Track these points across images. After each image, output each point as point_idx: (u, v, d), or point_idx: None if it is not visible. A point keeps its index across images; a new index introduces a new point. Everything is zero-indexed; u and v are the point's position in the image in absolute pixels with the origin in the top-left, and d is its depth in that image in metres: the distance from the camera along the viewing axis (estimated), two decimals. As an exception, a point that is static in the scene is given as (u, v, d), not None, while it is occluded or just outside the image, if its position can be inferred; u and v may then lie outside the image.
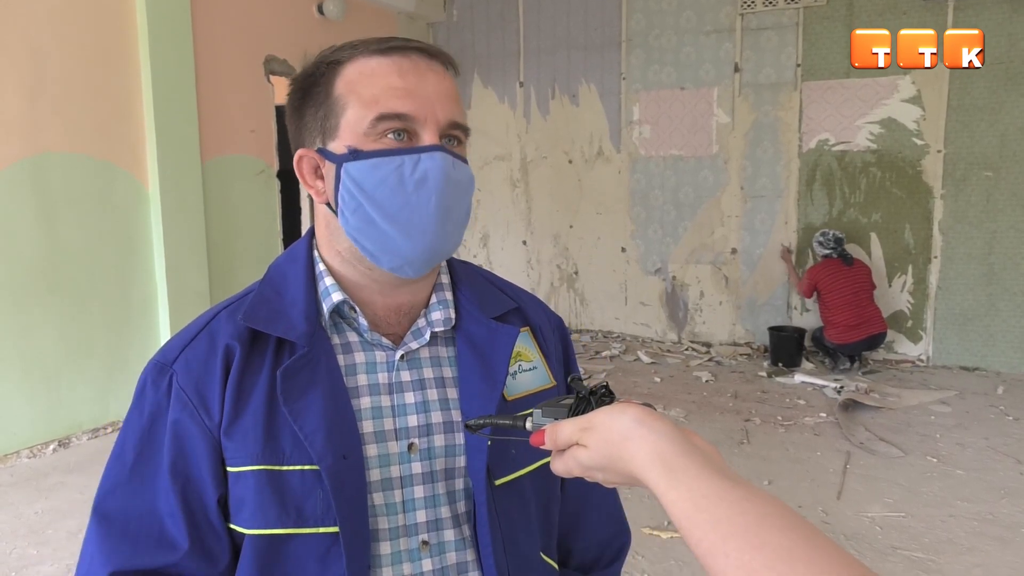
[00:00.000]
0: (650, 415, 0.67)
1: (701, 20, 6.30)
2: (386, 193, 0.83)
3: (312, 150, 0.88)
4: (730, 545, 0.56)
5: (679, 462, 0.63)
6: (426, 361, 0.93)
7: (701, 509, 0.59)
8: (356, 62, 0.86)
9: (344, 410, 0.85)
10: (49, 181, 4.30)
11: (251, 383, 0.85)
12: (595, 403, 0.73)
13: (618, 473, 0.68)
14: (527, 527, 0.94)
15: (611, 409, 0.69)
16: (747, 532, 0.56)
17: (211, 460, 0.84)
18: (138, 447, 0.86)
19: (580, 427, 0.70)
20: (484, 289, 0.99)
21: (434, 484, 0.89)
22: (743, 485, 0.60)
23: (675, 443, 0.64)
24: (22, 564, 3.12)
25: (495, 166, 7.23)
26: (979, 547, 3.16)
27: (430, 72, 0.86)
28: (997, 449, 4.22)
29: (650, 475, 0.63)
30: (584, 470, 0.70)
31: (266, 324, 0.86)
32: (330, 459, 0.82)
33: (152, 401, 0.87)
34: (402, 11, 6.84)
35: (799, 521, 0.57)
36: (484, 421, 0.81)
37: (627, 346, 6.65)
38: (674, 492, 0.61)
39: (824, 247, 5.65)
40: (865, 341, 5.56)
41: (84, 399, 4.57)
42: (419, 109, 0.84)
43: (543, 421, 0.75)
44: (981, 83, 5.48)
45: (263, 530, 0.83)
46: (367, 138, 0.84)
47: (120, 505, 0.85)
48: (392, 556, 0.87)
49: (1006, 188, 5.51)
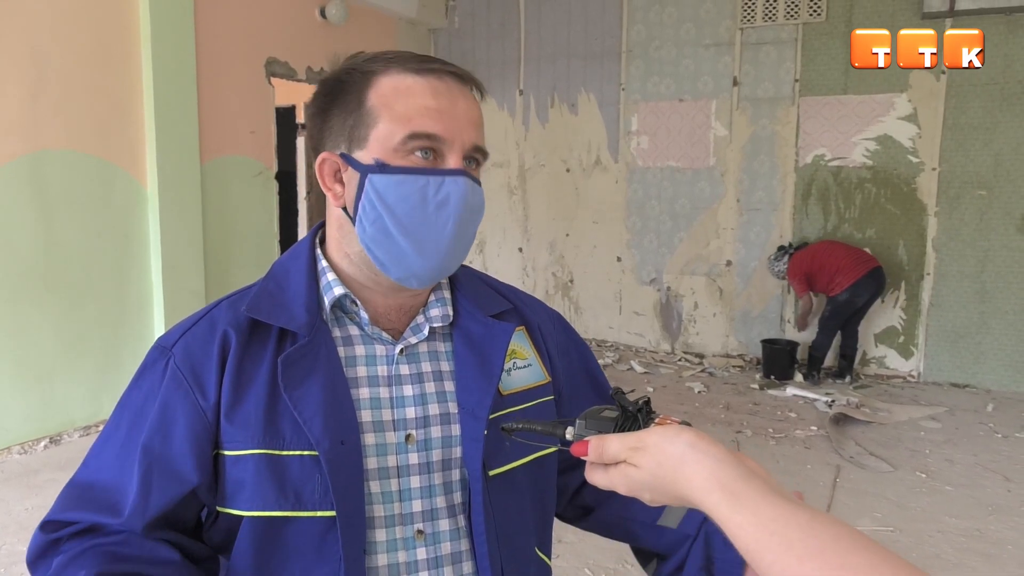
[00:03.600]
0: (703, 439, 0.67)
1: (701, 33, 6.35)
2: (407, 210, 0.86)
3: (336, 155, 0.90)
4: (807, 567, 0.56)
5: (739, 486, 0.63)
6: (424, 355, 0.95)
7: (772, 532, 0.59)
8: (391, 76, 0.88)
9: (343, 398, 0.87)
10: (47, 179, 4.30)
11: (253, 370, 0.88)
12: (642, 420, 0.73)
13: (668, 495, 0.68)
14: (521, 519, 0.96)
15: (664, 431, 0.69)
16: (824, 553, 0.56)
17: (196, 442, 0.86)
18: (129, 424, 0.90)
19: (630, 446, 0.70)
20: (482, 291, 1.02)
21: (430, 474, 0.92)
22: (807, 507, 0.61)
23: (732, 468, 0.65)
24: (11, 561, 3.11)
25: (493, 173, 7.25)
26: (966, 563, 3.17)
27: (461, 97, 0.89)
28: (986, 466, 4.25)
29: (710, 500, 0.64)
30: (629, 488, 0.71)
31: (268, 315, 0.89)
32: (327, 444, 0.84)
33: (149, 381, 0.90)
34: (403, 17, 6.87)
35: (872, 542, 0.58)
36: (521, 426, 0.82)
37: (620, 355, 6.66)
38: (739, 516, 0.61)
39: (781, 257, 5.88)
40: (872, 275, 5.47)
41: (77, 397, 4.56)
42: (448, 131, 0.86)
43: (586, 432, 0.75)
44: (976, 102, 5.53)
45: (261, 512, 0.85)
46: (396, 153, 0.86)
47: (90, 471, 0.90)
48: (387, 544, 0.89)
49: (999, 207, 5.55)
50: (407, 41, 6.99)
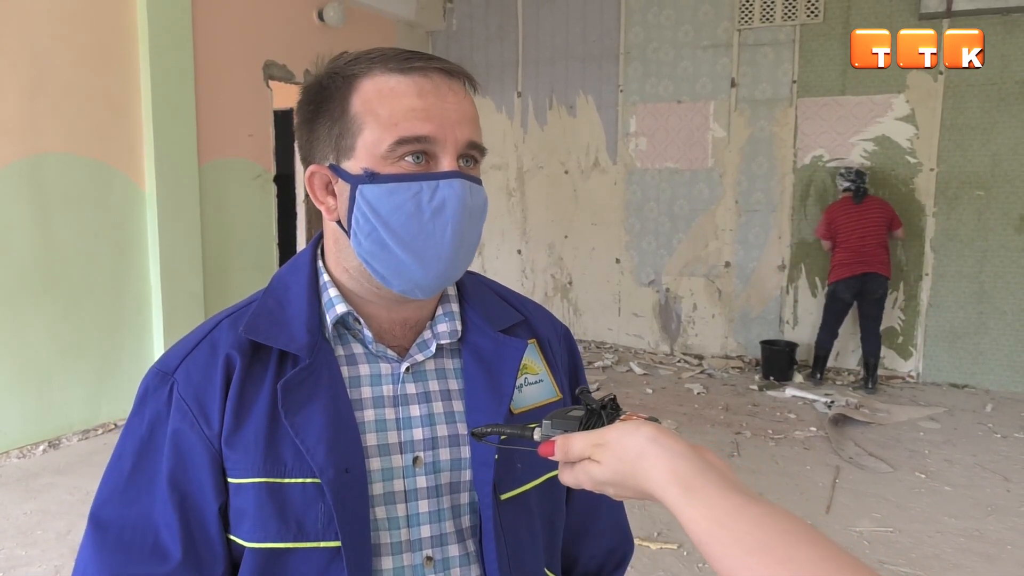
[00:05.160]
0: (664, 433, 0.68)
1: (699, 35, 6.35)
2: (402, 220, 0.82)
3: (324, 167, 0.86)
4: (753, 560, 0.57)
5: (696, 481, 0.64)
6: (431, 373, 0.91)
7: (722, 525, 0.60)
8: (373, 78, 0.83)
9: (347, 423, 0.84)
10: (45, 182, 4.30)
11: (253, 394, 0.84)
12: (606, 417, 0.74)
13: (631, 489, 0.69)
14: (532, 542, 0.93)
15: (625, 426, 0.69)
16: (770, 547, 0.57)
17: (212, 470, 0.83)
18: (137, 455, 0.85)
19: (592, 442, 0.70)
20: (491, 302, 0.98)
21: (439, 498, 0.88)
22: (761, 501, 0.61)
23: (690, 461, 0.65)
24: (10, 565, 3.10)
25: (491, 175, 7.25)
26: (965, 563, 3.17)
27: (451, 93, 0.84)
28: (985, 466, 4.25)
29: (667, 494, 0.64)
30: (595, 484, 0.71)
31: (267, 336, 0.85)
32: (331, 472, 0.81)
33: (153, 409, 0.86)
34: (402, 19, 6.88)
35: (820, 536, 0.58)
36: (490, 429, 0.80)
37: (620, 357, 6.66)
38: (693, 510, 0.62)
39: (845, 179, 5.63)
40: (859, 278, 5.46)
41: (75, 400, 4.55)
42: (438, 131, 0.82)
43: (552, 432, 0.75)
44: (974, 103, 5.53)
45: (263, 544, 0.82)
46: (384, 161, 0.82)
47: (116, 513, 0.84)
48: (395, 571, 0.86)
49: (997, 207, 5.56)
50: (405, 43, 6.99)
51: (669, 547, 3.25)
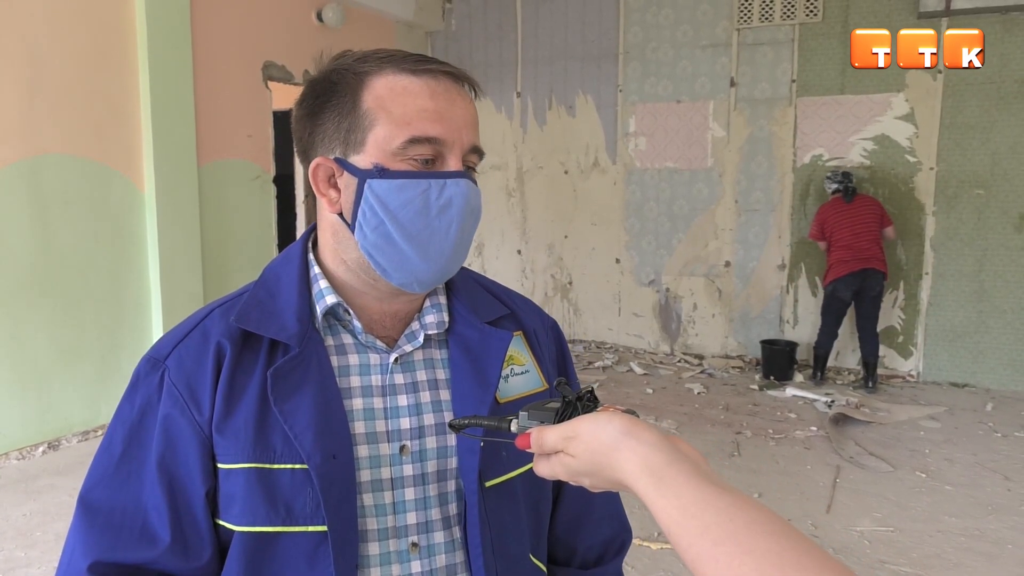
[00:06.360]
0: (636, 425, 0.68)
1: (698, 34, 6.35)
2: (410, 215, 0.85)
3: (330, 159, 0.87)
4: (719, 550, 0.57)
5: (667, 471, 0.64)
6: (419, 364, 0.93)
7: (690, 516, 0.60)
8: (386, 77, 0.85)
9: (335, 411, 0.85)
10: (44, 183, 4.30)
11: (244, 382, 0.86)
12: (581, 409, 0.74)
13: (606, 480, 0.69)
14: (517, 529, 0.94)
15: (596, 418, 0.70)
16: (736, 538, 0.57)
17: (200, 455, 0.84)
18: (126, 440, 0.87)
19: (565, 435, 0.71)
20: (478, 294, 1.00)
21: (425, 486, 0.90)
22: (731, 492, 0.62)
23: (663, 452, 0.65)
24: (10, 567, 3.10)
25: (491, 175, 7.25)
26: (966, 563, 3.17)
27: (459, 97, 0.87)
28: (985, 465, 4.25)
29: (639, 484, 0.65)
30: (570, 475, 0.72)
31: (258, 325, 0.87)
32: (319, 458, 0.82)
33: (143, 395, 0.87)
34: (400, 19, 6.88)
35: (787, 527, 0.58)
36: (468, 421, 0.81)
37: (620, 357, 6.66)
38: (663, 500, 0.62)
39: (832, 181, 5.68)
40: (858, 275, 5.46)
41: (75, 401, 4.55)
42: (448, 133, 0.85)
43: (529, 424, 0.76)
44: (973, 102, 5.53)
45: (252, 527, 0.83)
46: (395, 157, 0.84)
47: (105, 496, 0.86)
48: (381, 557, 0.87)
49: (997, 206, 5.56)
50: (404, 44, 6.99)
51: (669, 547, 3.25)
